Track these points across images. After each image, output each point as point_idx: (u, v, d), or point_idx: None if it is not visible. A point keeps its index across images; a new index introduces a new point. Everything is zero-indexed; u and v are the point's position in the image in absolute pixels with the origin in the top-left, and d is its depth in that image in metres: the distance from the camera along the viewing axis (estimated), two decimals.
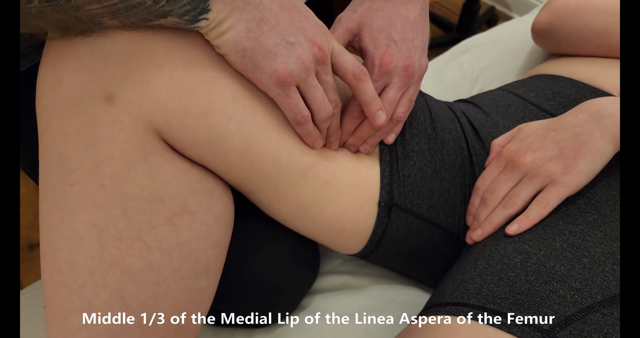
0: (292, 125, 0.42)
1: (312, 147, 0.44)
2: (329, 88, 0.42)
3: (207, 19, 0.34)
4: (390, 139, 0.49)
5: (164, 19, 0.34)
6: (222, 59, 0.39)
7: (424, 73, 0.48)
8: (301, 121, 0.41)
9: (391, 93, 0.45)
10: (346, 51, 0.42)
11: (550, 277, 0.40)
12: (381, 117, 0.44)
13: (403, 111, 0.47)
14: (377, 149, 0.50)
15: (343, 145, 0.49)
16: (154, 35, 0.36)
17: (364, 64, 0.45)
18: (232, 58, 0.37)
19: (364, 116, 0.46)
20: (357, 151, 0.49)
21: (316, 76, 0.40)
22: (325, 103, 0.41)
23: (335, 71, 0.42)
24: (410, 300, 0.59)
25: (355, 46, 0.46)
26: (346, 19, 0.46)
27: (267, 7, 0.37)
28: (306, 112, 0.41)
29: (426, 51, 0.48)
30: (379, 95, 0.45)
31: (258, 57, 0.37)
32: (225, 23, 0.35)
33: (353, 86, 0.43)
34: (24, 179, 1.22)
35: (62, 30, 0.35)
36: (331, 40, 0.41)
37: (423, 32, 0.47)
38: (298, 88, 0.40)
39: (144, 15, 0.34)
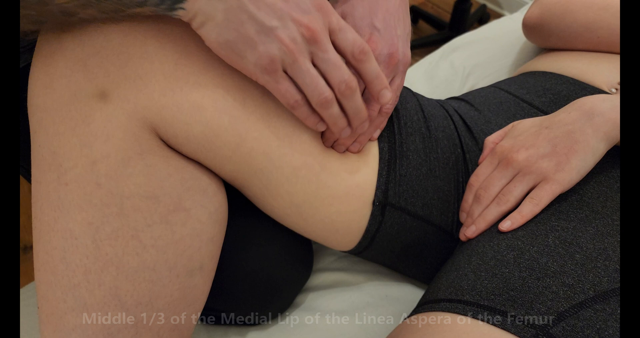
0: (287, 110, 0.41)
1: (314, 129, 0.42)
2: (330, 68, 0.38)
3: (184, 9, 0.34)
4: (375, 135, 0.49)
5: (140, 8, 0.34)
6: (209, 48, 0.38)
7: (409, 64, 0.47)
8: (294, 106, 0.39)
9: None
10: (347, 27, 0.39)
11: (543, 273, 0.40)
12: (386, 96, 0.42)
13: (390, 103, 0.47)
14: (375, 150, 0.49)
15: (331, 145, 0.47)
16: (141, 25, 0.36)
17: None
18: (217, 50, 0.36)
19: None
20: (345, 150, 0.47)
21: (314, 57, 0.38)
22: (317, 88, 0.38)
23: (336, 50, 0.39)
24: (403, 296, 0.59)
25: None
26: None
27: None
28: (298, 96, 0.39)
29: (409, 42, 0.48)
30: None
31: (241, 47, 0.35)
32: (203, 14, 0.34)
33: (354, 67, 0.40)
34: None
35: (37, 25, 0.34)
36: (328, 17, 0.38)
37: (404, 23, 0.47)
38: (288, 73, 0.38)
39: (116, 6, 0.33)
